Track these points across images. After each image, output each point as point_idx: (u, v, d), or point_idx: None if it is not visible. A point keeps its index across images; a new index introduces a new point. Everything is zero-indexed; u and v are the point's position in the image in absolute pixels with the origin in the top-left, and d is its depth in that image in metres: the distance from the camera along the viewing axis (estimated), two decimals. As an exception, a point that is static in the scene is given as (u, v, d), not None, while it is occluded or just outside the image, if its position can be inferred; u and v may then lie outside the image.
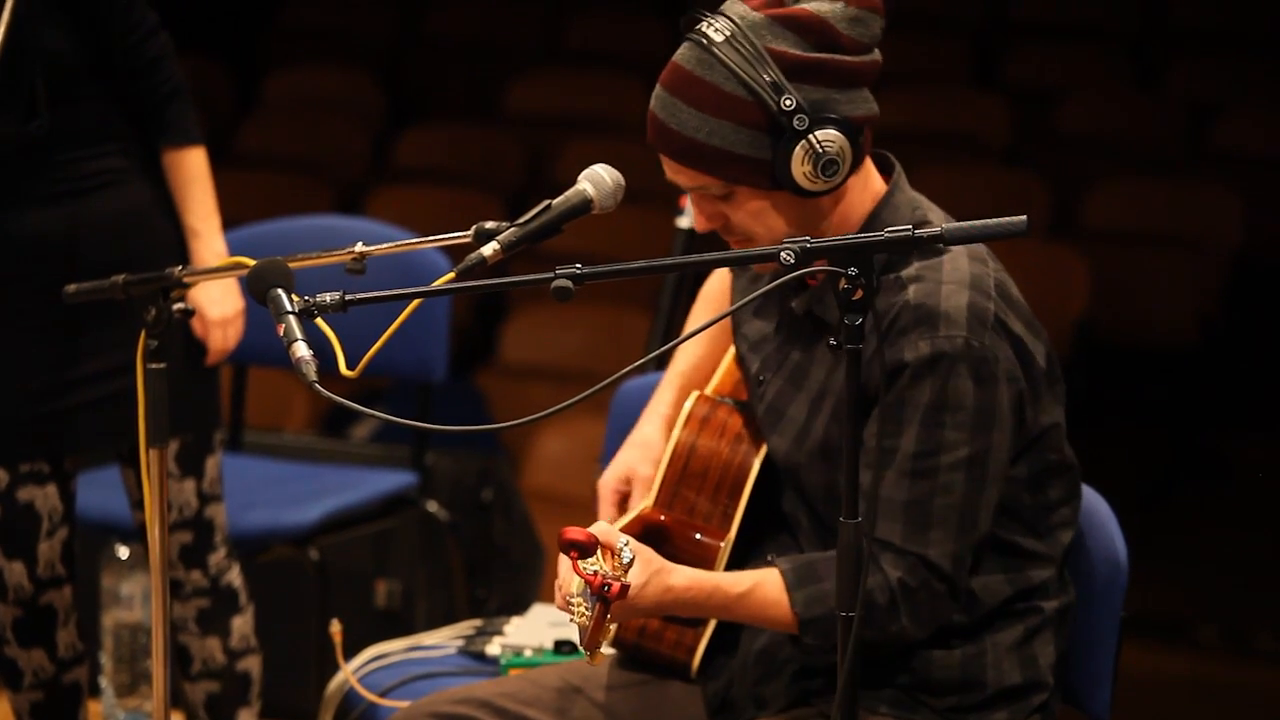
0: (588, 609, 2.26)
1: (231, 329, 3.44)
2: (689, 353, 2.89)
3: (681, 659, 2.68)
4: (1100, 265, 6.48)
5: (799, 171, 2.45)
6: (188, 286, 2.78)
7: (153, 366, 2.75)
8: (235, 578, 3.56)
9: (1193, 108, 7.43)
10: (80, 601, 3.46)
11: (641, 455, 2.78)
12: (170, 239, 3.38)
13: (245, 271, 2.44)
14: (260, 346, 3.49)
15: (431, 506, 4.20)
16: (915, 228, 2.24)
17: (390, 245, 2.63)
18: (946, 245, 2.28)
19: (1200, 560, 5.94)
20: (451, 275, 2.42)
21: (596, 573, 2.24)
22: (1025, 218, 2.22)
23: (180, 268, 2.79)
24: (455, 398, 5.81)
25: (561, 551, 2.31)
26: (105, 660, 4.29)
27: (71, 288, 2.91)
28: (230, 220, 3.52)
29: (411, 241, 2.72)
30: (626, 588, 2.24)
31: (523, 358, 6.40)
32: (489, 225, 2.48)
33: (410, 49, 8.68)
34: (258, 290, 2.34)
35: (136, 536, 3.61)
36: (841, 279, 2.21)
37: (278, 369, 4.33)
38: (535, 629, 3.20)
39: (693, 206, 2.57)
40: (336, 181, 7.44)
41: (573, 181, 2.50)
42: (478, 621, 3.30)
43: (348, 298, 2.29)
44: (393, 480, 4.12)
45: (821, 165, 2.44)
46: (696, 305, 2.94)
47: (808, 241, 2.22)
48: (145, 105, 3.36)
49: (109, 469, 3.64)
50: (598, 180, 2.49)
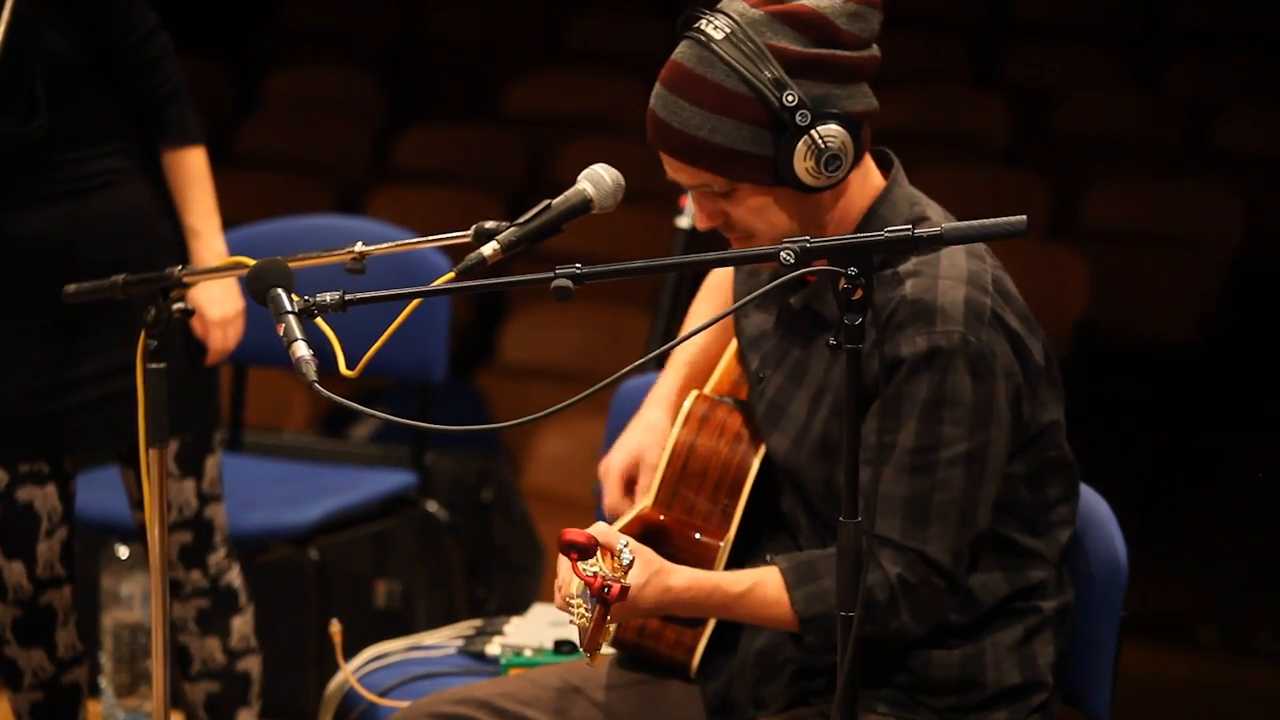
0: (587, 610, 2.26)
1: (231, 329, 3.44)
2: (693, 338, 2.89)
3: (681, 659, 2.67)
4: (1100, 265, 6.48)
5: (801, 167, 2.45)
6: (188, 286, 2.78)
7: (152, 366, 2.75)
8: (235, 578, 3.56)
9: (1193, 108, 7.42)
10: (80, 602, 3.46)
11: (650, 440, 2.78)
12: (170, 239, 3.38)
13: (245, 271, 2.44)
14: (260, 346, 3.49)
15: (431, 506, 4.19)
16: (915, 227, 2.24)
17: (390, 245, 2.63)
18: (946, 245, 2.28)
19: (1200, 560, 5.94)
20: (451, 275, 2.41)
21: (596, 574, 2.24)
22: (1025, 218, 2.22)
23: (180, 268, 2.79)
24: (455, 398, 5.80)
25: (561, 553, 2.31)
26: (105, 660, 4.29)
27: (71, 288, 2.91)
28: (230, 220, 3.52)
29: (411, 241, 2.72)
30: (626, 589, 2.24)
31: (523, 358, 6.40)
32: (489, 225, 2.48)
33: (410, 49, 8.68)
34: (257, 290, 2.34)
35: (136, 536, 3.61)
36: (841, 278, 2.21)
37: (277, 369, 4.33)
38: (535, 629, 3.19)
39: (693, 204, 2.57)
40: (336, 181, 7.44)
41: (572, 181, 2.50)
42: (477, 621, 3.29)
43: (347, 298, 2.29)
44: (392, 480, 4.12)
45: (824, 160, 2.44)
46: (700, 294, 2.94)
47: (807, 241, 2.22)
48: (145, 105, 3.36)
49: (109, 469, 3.64)
50: (597, 180, 2.49)
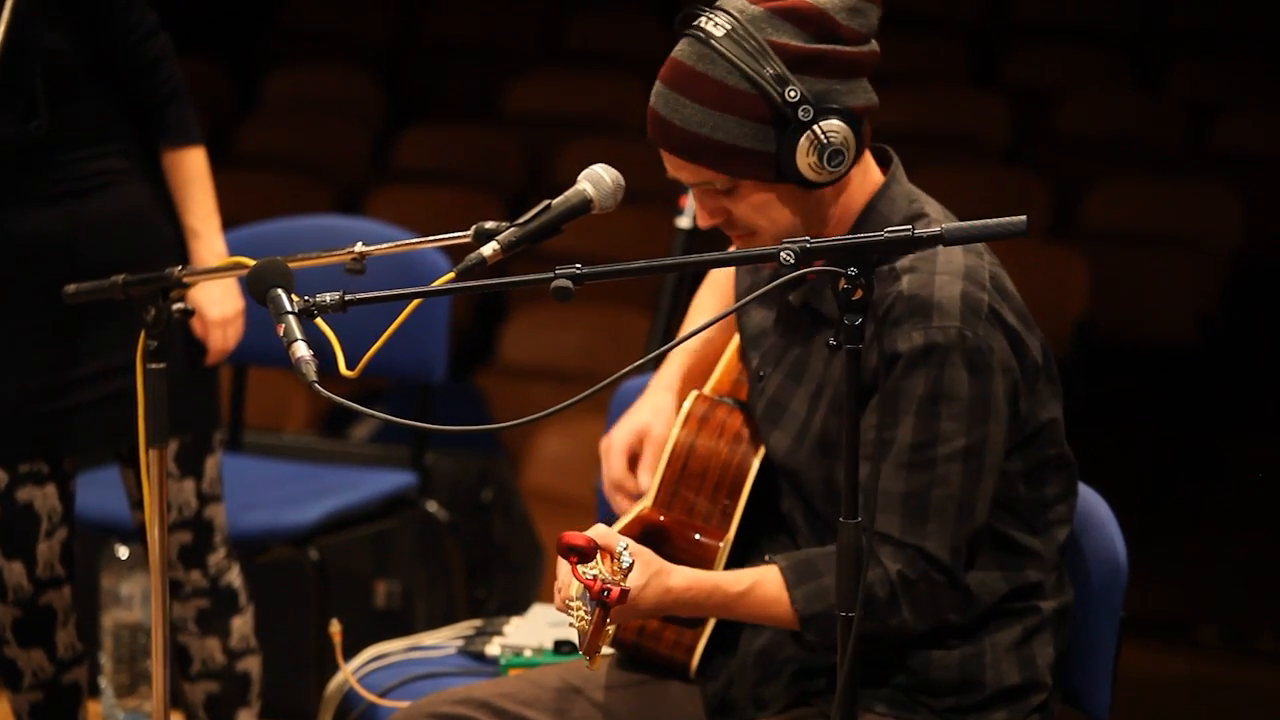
0: (587, 613, 2.25)
1: (231, 329, 3.44)
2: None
3: (680, 659, 2.67)
4: (1100, 265, 6.48)
5: (804, 163, 2.45)
6: (187, 286, 2.78)
7: (152, 367, 2.75)
8: (235, 578, 3.56)
9: (1193, 108, 7.42)
10: (80, 602, 3.46)
11: (655, 418, 2.77)
12: (170, 239, 3.38)
13: (245, 271, 2.44)
14: (260, 346, 3.49)
15: (431, 507, 4.19)
16: (915, 227, 2.24)
17: (390, 245, 2.63)
18: (947, 246, 2.28)
19: (1200, 560, 5.94)
20: (451, 275, 2.41)
21: (595, 577, 2.23)
22: (1025, 218, 2.22)
23: (180, 268, 2.79)
24: (455, 398, 5.80)
25: (560, 556, 2.31)
26: (105, 660, 4.29)
27: (71, 288, 2.91)
28: (230, 220, 3.52)
29: (411, 242, 2.72)
30: (626, 592, 2.23)
31: (522, 358, 6.40)
32: (489, 225, 2.48)
33: (410, 49, 8.68)
34: (257, 290, 2.34)
35: (136, 537, 3.61)
36: (841, 279, 2.21)
37: (277, 369, 4.33)
38: (535, 629, 3.19)
39: (694, 202, 2.57)
40: (336, 182, 7.44)
41: (572, 181, 2.50)
42: (477, 622, 3.29)
43: (347, 298, 2.29)
44: (392, 480, 4.12)
45: (827, 156, 2.44)
46: (705, 282, 2.93)
47: (807, 242, 2.22)
48: (145, 105, 3.36)
49: (108, 469, 3.64)
50: (597, 180, 2.48)
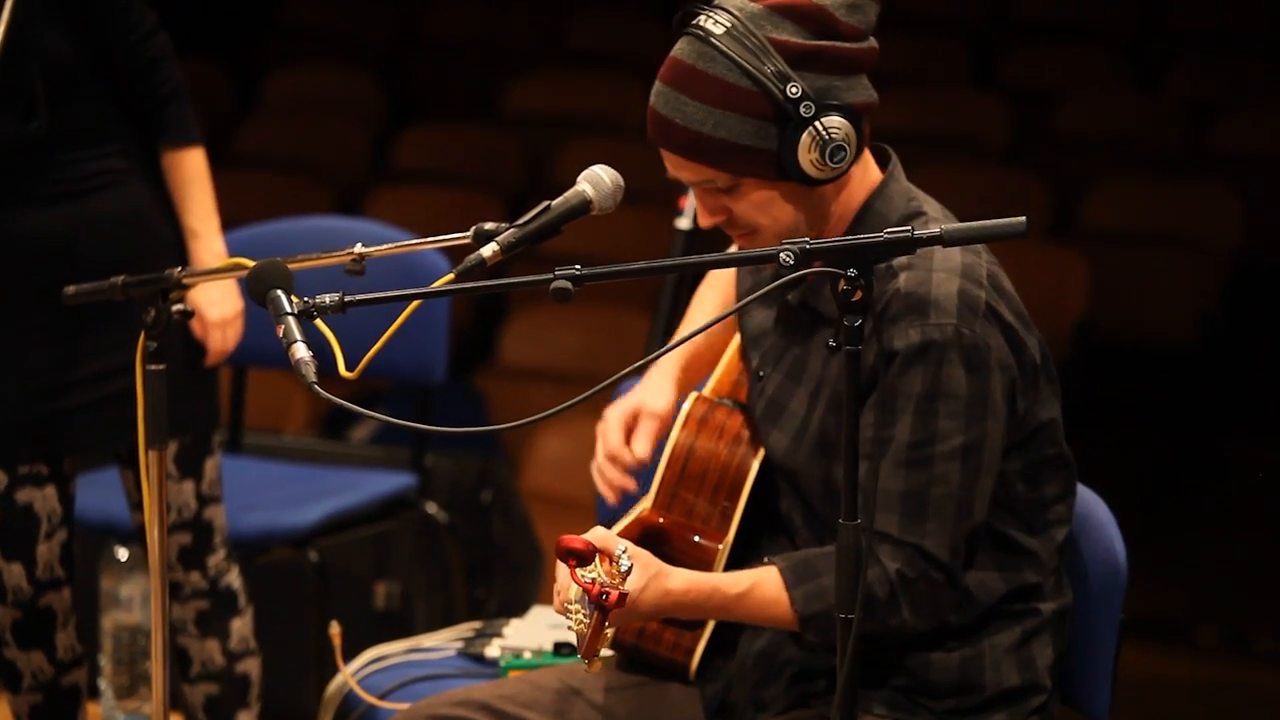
0: (585, 616, 2.25)
1: (231, 330, 3.43)
2: (698, 318, 2.89)
3: (680, 661, 2.67)
4: (1100, 265, 6.48)
5: (806, 159, 2.45)
6: (187, 288, 2.78)
7: (152, 368, 2.75)
8: (234, 579, 3.56)
9: (1193, 108, 7.43)
10: (79, 603, 3.46)
11: (650, 395, 2.77)
12: (169, 240, 3.38)
13: (245, 273, 2.44)
14: (259, 348, 3.49)
15: (431, 508, 4.19)
16: (914, 227, 2.24)
17: (390, 246, 2.64)
18: (946, 246, 2.28)
19: (1199, 562, 5.94)
20: (451, 276, 2.41)
21: (594, 581, 2.22)
22: (1024, 219, 2.22)
23: (179, 269, 2.79)
24: (455, 399, 5.80)
25: (559, 560, 2.30)
26: (104, 662, 4.29)
27: (71, 289, 2.91)
28: (230, 221, 3.52)
29: (411, 243, 2.72)
30: (624, 596, 2.23)
31: (522, 359, 6.40)
32: (488, 226, 2.48)
33: (410, 49, 8.68)
34: (257, 291, 2.34)
35: (136, 538, 3.61)
36: (841, 280, 2.21)
37: (277, 370, 4.32)
38: (534, 631, 3.19)
39: (695, 201, 2.57)
40: (336, 182, 7.44)
41: (572, 182, 2.49)
42: (477, 623, 3.29)
43: (347, 299, 2.28)
44: (392, 482, 4.12)
45: (829, 152, 2.44)
46: (705, 280, 2.93)
47: (806, 243, 2.22)
48: (144, 106, 3.36)
49: (108, 470, 3.64)
50: (597, 181, 2.48)
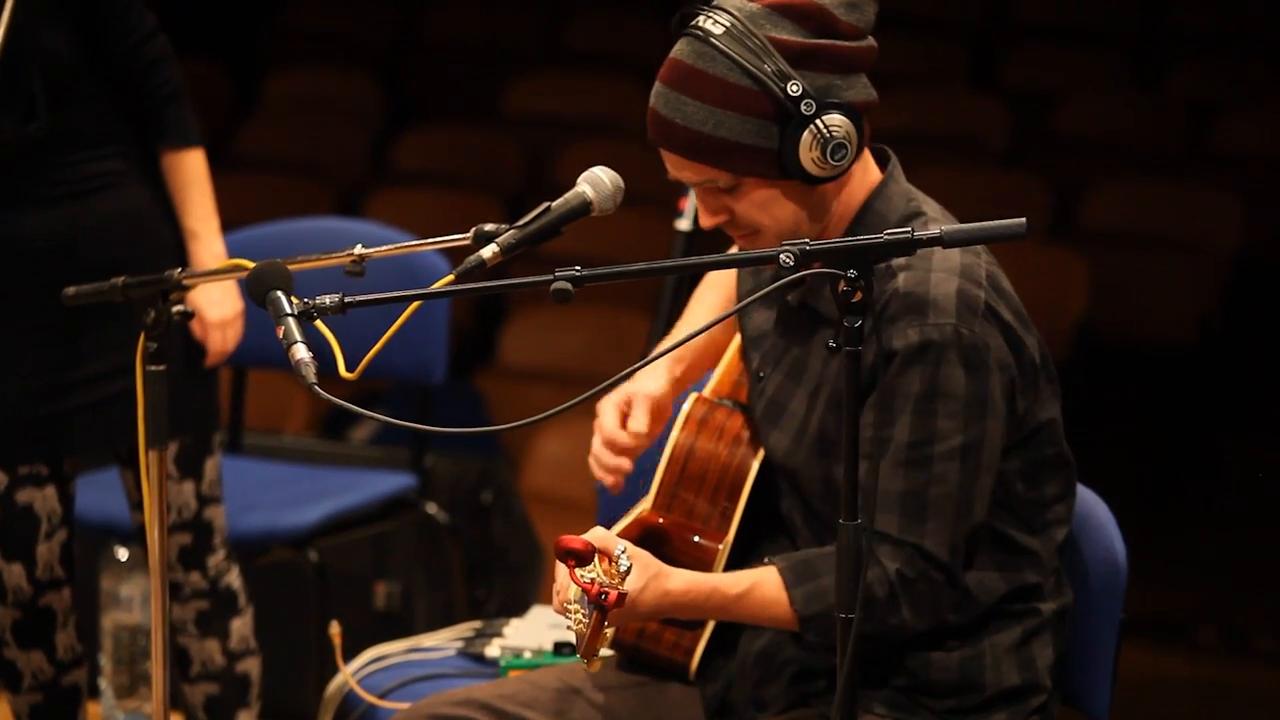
0: (585, 616, 2.25)
1: (230, 331, 3.44)
2: (695, 323, 2.89)
3: (680, 660, 2.67)
4: (1100, 266, 6.48)
5: (807, 158, 2.45)
6: (187, 288, 2.79)
7: (152, 368, 2.75)
8: (234, 579, 3.56)
9: (1193, 108, 7.43)
10: (79, 603, 3.46)
11: (644, 381, 2.77)
12: (169, 241, 3.38)
13: (244, 273, 2.44)
14: (259, 348, 3.50)
15: (431, 508, 4.19)
16: (914, 228, 2.24)
17: (390, 247, 2.64)
18: (946, 247, 2.28)
19: (1199, 561, 5.94)
20: (451, 277, 2.41)
21: (593, 581, 2.22)
22: (1024, 220, 2.22)
23: (179, 270, 2.79)
24: (454, 400, 5.80)
25: (558, 559, 2.30)
26: (104, 662, 4.29)
27: (71, 290, 2.91)
28: (230, 222, 3.52)
29: (411, 244, 2.72)
30: (623, 596, 2.23)
31: (522, 360, 6.40)
32: (488, 227, 2.48)
33: (410, 50, 8.68)
34: (257, 292, 2.34)
35: (136, 538, 3.61)
36: (841, 281, 2.21)
37: (277, 371, 4.33)
38: (534, 630, 3.19)
39: (696, 201, 2.57)
40: (336, 183, 7.44)
41: (572, 183, 2.50)
42: (477, 623, 3.29)
43: (347, 300, 2.29)
44: (392, 482, 4.12)
45: (830, 149, 2.44)
46: (704, 282, 2.93)
47: (806, 244, 2.22)
48: (144, 107, 3.36)
49: (108, 471, 3.64)
50: (597, 182, 2.48)
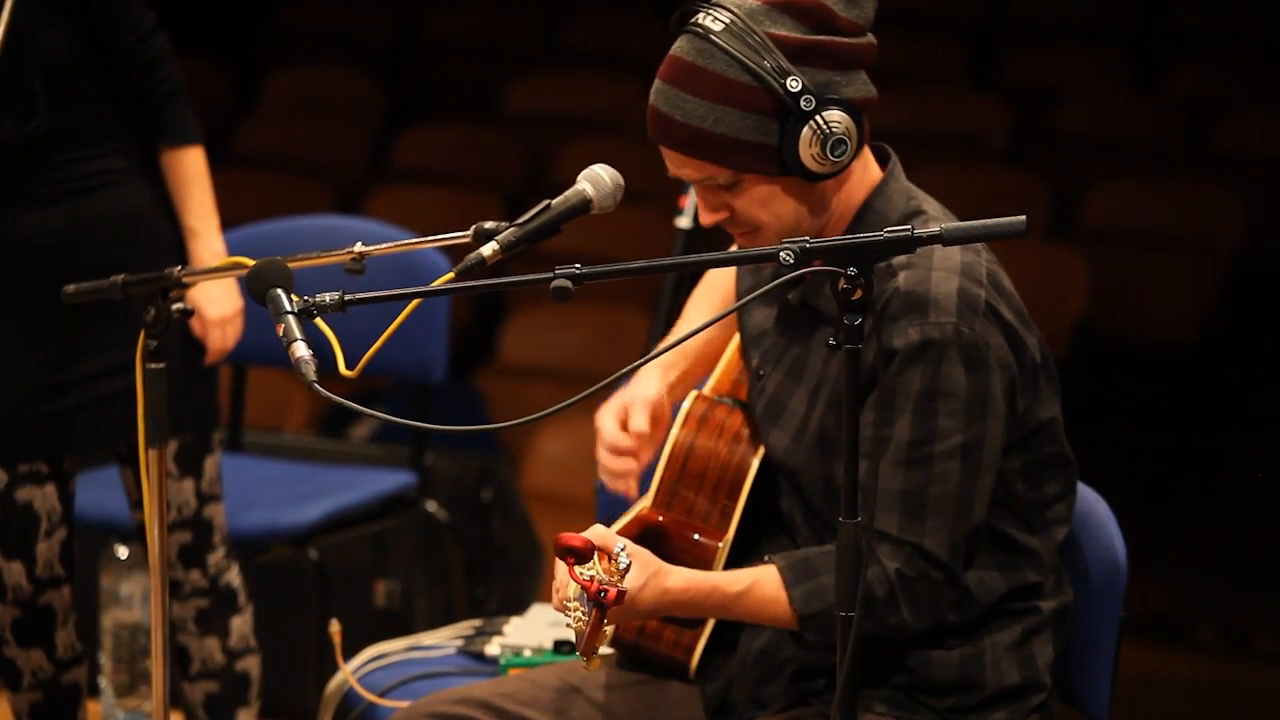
0: (584, 614, 2.25)
1: (230, 329, 3.44)
2: (692, 325, 2.88)
3: (680, 659, 2.67)
4: (1099, 265, 6.48)
5: (807, 154, 2.45)
6: (187, 286, 2.78)
7: (152, 366, 2.75)
8: (234, 578, 3.56)
9: (1193, 108, 7.43)
10: (79, 602, 3.46)
11: (637, 389, 2.77)
12: (169, 239, 3.38)
13: (244, 271, 2.44)
14: (259, 346, 3.49)
15: (431, 506, 4.19)
16: (914, 226, 2.24)
17: (389, 245, 2.64)
18: (946, 245, 2.28)
19: (1199, 561, 5.94)
20: (451, 275, 2.41)
21: (593, 578, 2.22)
22: (1024, 218, 2.22)
23: (179, 268, 2.79)
24: (454, 398, 5.80)
25: (558, 557, 2.31)
26: (104, 660, 4.29)
27: (70, 288, 2.91)
28: (230, 220, 3.52)
29: (411, 242, 2.72)
30: (623, 594, 2.23)
31: (522, 358, 6.40)
32: (488, 225, 2.48)
33: (410, 49, 8.68)
34: (257, 290, 2.34)
35: (135, 536, 3.61)
36: (841, 279, 2.21)
37: (277, 369, 4.33)
38: (534, 629, 3.19)
39: (696, 198, 2.57)
40: (336, 182, 7.44)
41: (572, 181, 2.50)
42: (477, 621, 3.29)
43: (347, 298, 2.29)
44: (392, 480, 4.12)
45: (830, 146, 2.44)
46: (700, 284, 2.93)
47: (806, 242, 2.22)
48: (144, 105, 3.36)
49: (108, 469, 3.64)
50: (597, 180, 2.48)
